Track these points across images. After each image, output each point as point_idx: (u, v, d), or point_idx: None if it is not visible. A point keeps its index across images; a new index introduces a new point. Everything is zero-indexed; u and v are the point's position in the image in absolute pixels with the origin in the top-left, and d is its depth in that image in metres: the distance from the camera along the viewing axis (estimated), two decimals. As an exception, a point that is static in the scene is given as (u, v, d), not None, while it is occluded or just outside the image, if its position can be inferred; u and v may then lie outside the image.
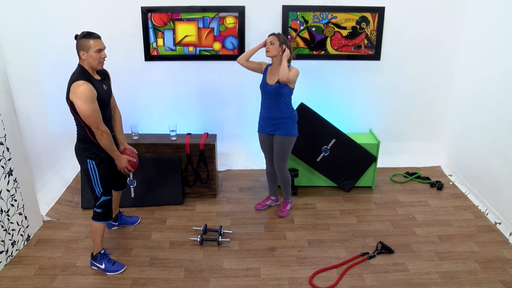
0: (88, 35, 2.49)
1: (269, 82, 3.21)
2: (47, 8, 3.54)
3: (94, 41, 2.48)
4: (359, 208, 3.70)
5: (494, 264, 2.93)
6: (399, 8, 4.00)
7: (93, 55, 2.49)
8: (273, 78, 3.19)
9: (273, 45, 3.11)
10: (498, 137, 3.48)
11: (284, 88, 3.14)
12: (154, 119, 4.31)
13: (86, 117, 2.50)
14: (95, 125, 2.54)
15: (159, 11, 3.94)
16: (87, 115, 2.49)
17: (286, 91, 3.16)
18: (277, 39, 3.11)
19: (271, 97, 3.21)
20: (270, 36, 3.14)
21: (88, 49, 2.48)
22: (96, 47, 2.49)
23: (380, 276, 2.82)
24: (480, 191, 3.75)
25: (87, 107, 2.46)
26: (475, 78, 3.87)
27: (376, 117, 4.44)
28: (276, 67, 3.20)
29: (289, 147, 3.33)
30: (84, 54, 2.50)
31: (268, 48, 3.14)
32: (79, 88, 2.44)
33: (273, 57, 3.18)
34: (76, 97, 2.45)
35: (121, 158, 2.77)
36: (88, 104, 2.46)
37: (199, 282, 2.77)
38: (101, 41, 2.54)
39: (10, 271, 2.83)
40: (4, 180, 2.88)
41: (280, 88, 3.15)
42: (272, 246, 3.16)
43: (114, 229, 3.35)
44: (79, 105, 2.46)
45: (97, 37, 2.51)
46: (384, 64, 4.22)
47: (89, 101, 2.46)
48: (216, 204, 3.78)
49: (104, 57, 2.56)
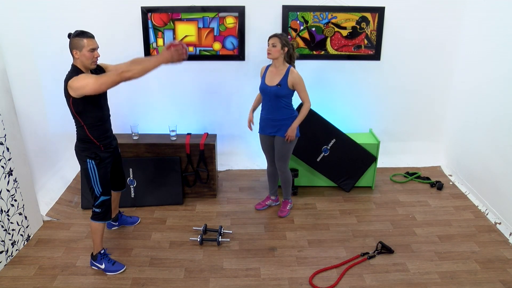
0: (82, 34, 2.46)
1: (268, 84, 3.18)
2: (47, 8, 3.54)
3: (87, 40, 2.46)
4: (359, 208, 3.70)
5: (494, 264, 2.93)
6: (399, 8, 4.00)
7: (86, 54, 2.47)
8: (273, 80, 3.16)
9: (275, 47, 3.06)
10: (498, 137, 3.48)
11: (284, 90, 3.13)
12: (154, 119, 4.31)
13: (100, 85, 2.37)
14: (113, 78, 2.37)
15: (159, 11, 3.94)
16: (99, 83, 2.37)
17: (286, 92, 3.14)
18: (279, 41, 3.06)
19: (271, 99, 3.19)
20: (272, 38, 3.08)
21: (82, 48, 2.45)
22: (89, 46, 2.46)
23: (380, 276, 2.82)
24: (480, 191, 3.75)
25: (91, 79, 2.38)
26: (475, 78, 3.87)
27: (376, 117, 4.44)
28: (277, 69, 3.17)
29: (291, 148, 3.32)
30: (77, 53, 2.47)
31: (269, 50, 3.09)
32: (74, 81, 2.40)
33: (275, 59, 3.14)
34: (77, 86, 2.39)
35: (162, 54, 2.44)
36: (90, 77, 2.39)
37: (199, 282, 2.77)
38: (95, 41, 2.51)
39: (10, 271, 2.83)
40: (4, 180, 2.88)
41: (280, 90, 3.12)
42: (272, 246, 3.16)
43: (114, 229, 3.36)
44: (86, 86, 2.38)
45: (90, 36, 2.49)
46: (384, 64, 4.22)
47: (88, 76, 2.41)
48: (216, 204, 3.78)
49: (97, 57, 2.52)
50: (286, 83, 3.11)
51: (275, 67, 3.19)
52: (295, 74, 3.10)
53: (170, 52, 2.42)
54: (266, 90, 3.20)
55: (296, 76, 3.10)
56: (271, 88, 3.15)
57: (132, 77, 2.40)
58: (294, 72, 3.11)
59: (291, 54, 3.18)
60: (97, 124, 2.64)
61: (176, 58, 2.44)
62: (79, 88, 2.40)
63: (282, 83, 3.11)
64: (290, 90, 3.15)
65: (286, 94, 3.15)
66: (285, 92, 3.14)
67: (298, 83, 3.12)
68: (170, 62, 2.44)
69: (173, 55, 2.42)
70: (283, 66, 3.15)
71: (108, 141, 2.75)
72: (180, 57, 2.44)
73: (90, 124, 2.61)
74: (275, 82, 3.14)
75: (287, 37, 3.12)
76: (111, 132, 2.82)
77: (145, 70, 2.41)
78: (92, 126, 2.62)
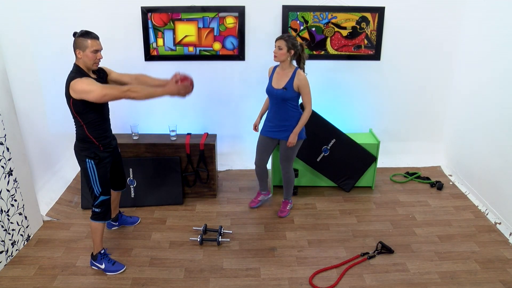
0: (86, 34, 2.47)
1: (275, 86, 3.15)
2: (47, 8, 3.54)
3: (91, 41, 2.46)
4: (359, 208, 3.70)
5: (494, 264, 2.93)
6: (399, 8, 4.00)
7: (89, 55, 2.47)
8: (280, 83, 3.12)
9: (281, 50, 3.02)
10: (498, 137, 3.48)
11: (290, 93, 3.09)
12: (154, 119, 4.31)
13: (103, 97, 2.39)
14: (117, 93, 2.40)
15: (159, 11, 3.94)
16: (103, 93, 2.38)
17: (292, 95, 3.11)
18: (285, 43, 3.00)
19: (278, 102, 3.16)
20: (278, 40, 3.02)
21: (85, 48, 2.46)
22: (93, 47, 2.46)
23: (380, 276, 2.82)
24: (480, 191, 3.75)
25: (96, 87, 2.39)
26: (475, 78, 3.87)
27: (376, 117, 4.44)
28: (284, 71, 3.13)
29: (296, 149, 3.32)
30: (80, 52, 2.47)
31: (275, 53, 3.05)
32: (78, 83, 2.40)
33: (281, 62, 3.10)
34: (80, 89, 2.40)
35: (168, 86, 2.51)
36: (96, 85, 2.40)
37: (199, 282, 2.77)
38: (99, 42, 2.51)
39: (10, 271, 2.83)
40: (4, 180, 2.88)
41: (285, 94, 3.09)
42: (272, 246, 3.16)
43: (114, 229, 3.36)
44: (90, 93, 2.38)
45: (95, 38, 2.49)
46: (384, 64, 4.22)
47: (94, 83, 2.41)
48: (216, 204, 3.78)
49: (99, 58, 2.53)
50: (292, 86, 3.08)
51: (282, 69, 3.14)
52: (302, 76, 3.06)
53: (177, 87, 2.50)
54: (272, 92, 3.17)
55: (303, 78, 3.06)
56: (278, 91, 3.12)
57: (135, 99, 2.46)
58: (301, 74, 3.06)
59: (299, 55, 3.12)
60: (97, 124, 2.64)
61: (182, 93, 2.53)
62: (82, 92, 2.41)
63: (288, 87, 3.08)
64: (296, 92, 3.11)
65: (292, 97, 3.12)
66: (290, 95, 3.10)
67: (303, 87, 3.07)
68: (177, 95, 2.53)
69: (180, 89, 2.51)
70: (290, 68, 3.11)
71: (107, 141, 2.75)
72: (186, 91, 2.54)
73: (90, 124, 2.60)
74: (281, 85, 3.11)
75: (294, 39, 3.05)
76: (110, 132, 2.82)
77: (149, 96, 2.47)
78: (92, 126, 2.62)
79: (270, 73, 3.26)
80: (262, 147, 3.43)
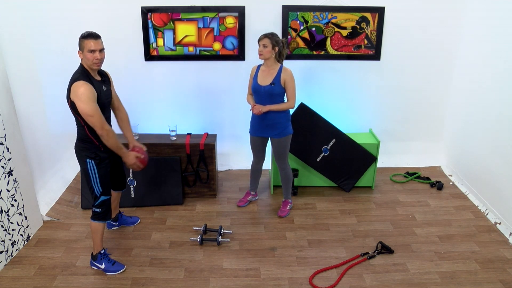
0: (87, 36, 2.50)
1: (261, 83, 3.21)
2: (47, 8, 3.54)
3: (87, 42, 2.49)
4: (359, 208, 3.70)
5: (494, 264, 2.93)
6: (399, 8, 4.00)
7: (87, 55, 2.51)
8: (266, 80, 3.19)
9: (266, 48, 3.09)
10: (498, 137, 3.48)
11: (278, 88, 3.16)
12: (154, 119, 4.31)
13: (88, 117, 2.49)
14: (99, 125, 2.52)
15: (159, 11, 3.94)
16: (89, 115, 2.48)
17: (280, 91, 3.18)
18: (269, 41, 3.08)
19: (265, 99, 3.22)
20: (262, 39, 3.10)
21: (83, 49, 2.50)
22: (88, 48, 2.49)
23: (380, 276, 2.82)
24: (480, 191, 3.75)
25: (89, 107, 2.46)
26: (475, 78, 3.87)
27: (376, 117, 4.44)
28: (269, 68, 3.20)
29: (287, 145, 3.35)
30: (80, 53, 2.53)
31: (261, 51, 3.12)
32: (79, 89, 2.44)
33: (266, 59, 3.16)
34: (77, 97, 2.45)
35: (129, 155, 2.76)
36: (90, 104, 2.46)
37: (199, 282, 2.77)
38: (96, 42, 2.51)
39: (10, 271, 2.83)
40: (4, 180, 2.88)
41: (273, 89, 3.16)
42: (272, 246, 3.16)
43: (114, 229, 3.36)
44: (81, 106, 2.46)
45: (92, 38, 2.50)
46: (384, 64, 4.22)
47: (91, 101, 2.46)
48: (216, 204, 3.78)
49: (97, 58, 2.53)
50: (279, 82, 3.15)
51: (267, 66, 3.21)
52: (288, 71, 3.16)
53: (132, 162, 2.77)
54: (259, 90, 3.21)
55: (289, 73, 3.16)
56: (265, 88, 3.18)
57: (103, 141, 2.61)
58: (287, 70, 3.16)
59: (280, 52, 3.18)
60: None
61: (134, 168, 2.82)
62: (79, 100, 2.45)
63: (276, 82, 3.15)
64: (283, 88, 3.19)
65: (279, 92, 3.18)
66: (278, 90, 3.17)
67: (289, 81, 3.16)
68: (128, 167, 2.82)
69: (133, 165, 2.79)
70: (275, 65, 3.19)
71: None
72: (135, 168, 2.83)
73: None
74: (268, 81, 3.17)
75: (277, 36, 3.13)
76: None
77: (114, 149, 2.66)
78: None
79: (254, 72, 3.31)
80: (255, 147, 3.48)
